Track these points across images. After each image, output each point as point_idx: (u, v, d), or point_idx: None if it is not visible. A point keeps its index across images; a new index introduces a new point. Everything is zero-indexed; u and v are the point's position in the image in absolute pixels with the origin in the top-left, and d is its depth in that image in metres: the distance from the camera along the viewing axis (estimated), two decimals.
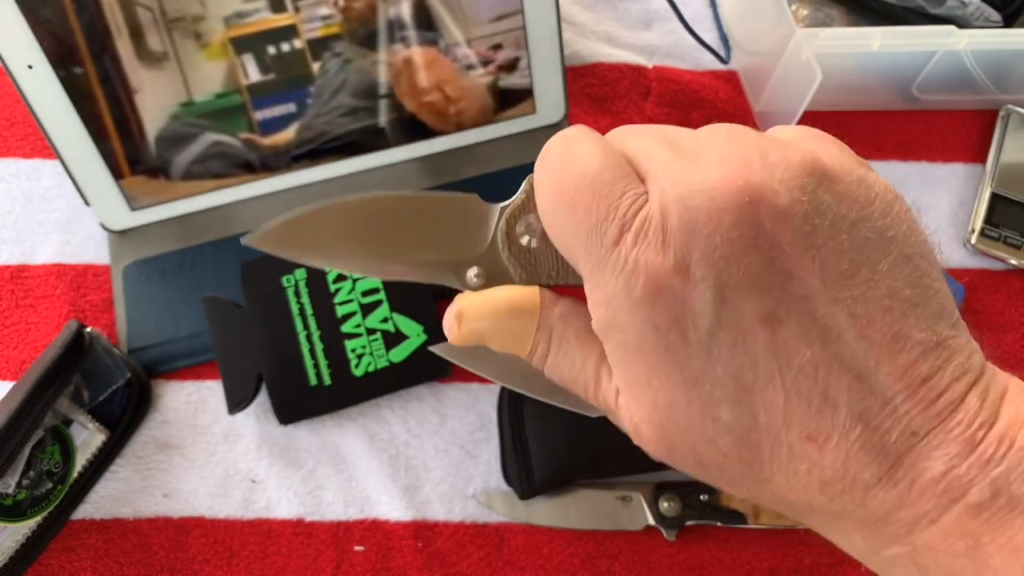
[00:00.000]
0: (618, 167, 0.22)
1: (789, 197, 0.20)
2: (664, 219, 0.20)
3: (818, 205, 0.20)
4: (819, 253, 0.20)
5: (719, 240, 0.20)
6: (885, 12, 0.55)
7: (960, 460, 0.19)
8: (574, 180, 0.22)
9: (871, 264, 0.20)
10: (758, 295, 0.20)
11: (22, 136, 0.56)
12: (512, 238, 0.25)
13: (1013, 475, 0.19)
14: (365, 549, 0.45)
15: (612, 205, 0.21)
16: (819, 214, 0.20)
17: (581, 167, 0.22)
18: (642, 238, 0.20)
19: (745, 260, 0.20)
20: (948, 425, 0.20)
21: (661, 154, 0.22)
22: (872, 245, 0.20)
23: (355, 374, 0.47)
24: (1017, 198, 0.54)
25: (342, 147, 0.53)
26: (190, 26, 0.46)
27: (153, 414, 0.48)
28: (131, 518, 0.45)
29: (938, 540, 0.19)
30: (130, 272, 0.51)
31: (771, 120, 0.56)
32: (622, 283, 0.21)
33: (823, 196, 0.20)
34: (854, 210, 0.20)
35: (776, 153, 0.21)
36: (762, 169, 0.20)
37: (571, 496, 0.46)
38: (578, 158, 0.22)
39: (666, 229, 0.20)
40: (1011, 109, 0.57)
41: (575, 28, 0.61)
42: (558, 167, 0.23)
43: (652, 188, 0.21)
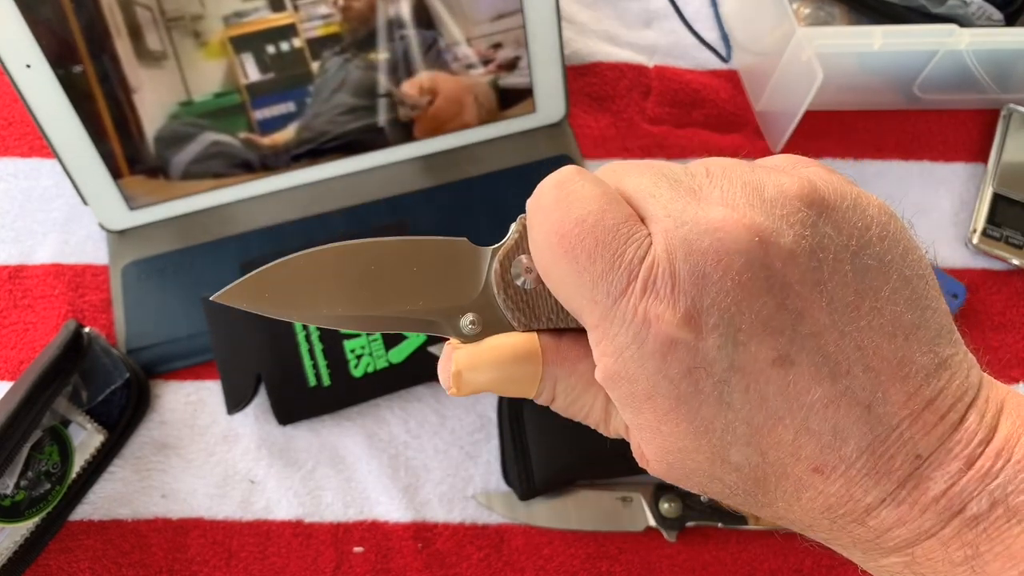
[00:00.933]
0: (618, 209, 0.21)
1: (793, 234, 0.20)
2: (672, 264, 0.20)
3: (821, 239, 0.20)
4: (826, 288, 0.20)
5: (731, 284, 0.19)
6: (886, 11, 0.55)
7: (960, 477, 0.19)
8: (573, 226, 0.21)
9: (874, 292, 0.20)
10: (771, 337, 0.19)
11: (20, 136, 0.56)
12: (507, 281, 0.24)
13: (1010, 487, 0.19)
14: (365, 550, 0.45)
15: (616, 253, 0.20)
16: (822, 248, 0.20)
17: (580, 212, 0.21)
18: (651, 287, 0.20)
19: (758, 303, 0.19)
20: (949, 445, 0.20)
21: (660, 192, 0.21)
22: (873, 272, 0.20)
23: (354, 375, 0.47)
24: (1019, 198, 0.54)
25: (341, 146, 0.53)
26: (189, 25, 0.46)
27: (152, 414, 0.47)
28: (130, 519, 0.45)
29: (937, 550, 0.20)
30: (129, 272, 0.51)
31: (772, 119, 0.56)
32: (631, 335, 0.20)
33: (824, 228, 0.20)
34: (854, 238, 0.20)
35: (772, 187, 0.20)
36: (763, 207, 0.20)
37: (571, 497, 0.46)
38: (576, 201, 0.21)
39: (675, 275, 0.20)
40: (1013, 108, 0.57)
41: (575, 27, 0.61)
42: (555, 212, 0.22)
43: (655, 229, 0.20)
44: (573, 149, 0.56)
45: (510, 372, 0.24)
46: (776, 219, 0.20)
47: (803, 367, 0.20)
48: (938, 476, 0.19)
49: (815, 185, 0.21)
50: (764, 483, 0.21)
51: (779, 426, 0.20)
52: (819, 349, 0.20)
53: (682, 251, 0.20)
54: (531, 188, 0.55)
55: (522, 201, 0.62)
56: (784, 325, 0.19)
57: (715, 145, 0.56)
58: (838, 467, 0.20)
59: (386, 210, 0.53)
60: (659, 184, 0.21)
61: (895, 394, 0.20)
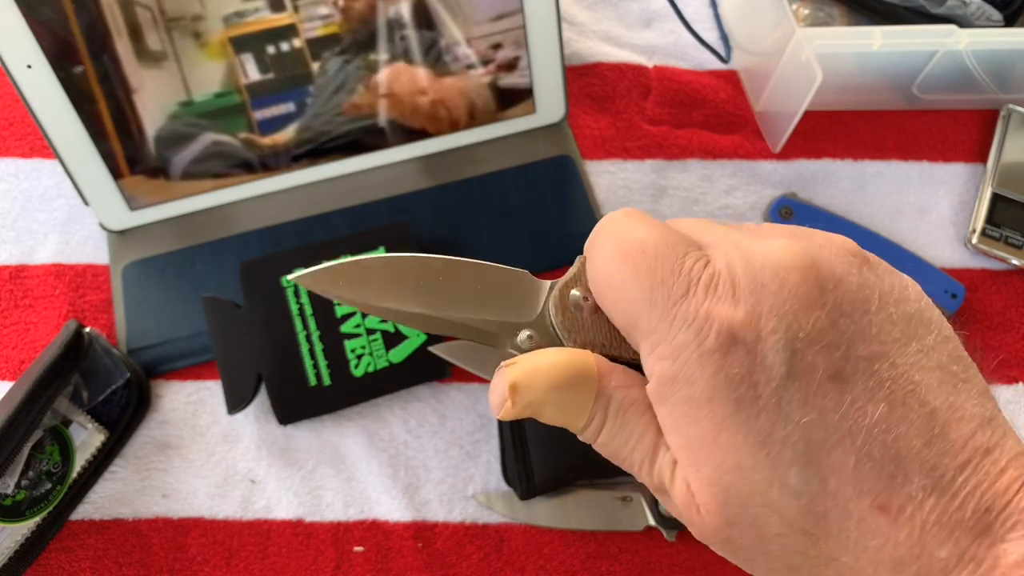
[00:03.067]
0: (677, 236, 0.22)
1: (844, 266, 0.21)
2: (732, 275, 0.21)
3: (865, 279, 0.21)
4: (875, 319, 0.20)
5: (787, 294, 0.20)
6: (886, 11, 0.55)
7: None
8: (635, 245, 0.22)
9: (919, 337, 0.21)
10: (827, 351, 0.20)
11: (21, 136, 0.56)
12: (564, 306, 0.25)
13: None
14: (365, 550, 0.45)
15: (677, 263, 0.21)
16: (868, 286, 0.21)
17: (640, 233, 0.22)
18: (712, 291, 0.21)
19: (813, 315, 0.20)
20: (1020, 504, 0.19)
21: (715, 230, 0.23)
22: (916, 321, 0.21)
23: (355, 374, 0.47)
24: (1018, 198, 0.54)
25: (342, 147, 0.53)
26: (189, 25, 0.46)
27: (152, 414, 0.48)
28: (130, 518, 0.45)
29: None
30: (129, 272, 0.51)
31: (772, 119, 0.56)
32: (692, 333, 0.20)
33: (867, 274, 0.21)
34: (895, 289, 0.21)
35: (820, 236, 0.22)
36: (814, 244, 0.21)
37: (571, 496, 0.46)
38: (636, 226, 0.23)
39: (735, 283, 0.21)
40: (1012, 109, 0.57)
41: (575, 27, 0.61)
42: (617, 234, 0.23)
43: (715, 252, 0.22)
44: (573, 149, 0.56)
45: (565, 390, 0.23)
46: (827, 254, 0.21)
47: (859, 387, 0.20)
48: (1014, 538, 0.18)
49: (855, 245, 0.22)
50: (826, 521, 0.20)
51: (838, 448, 0.20)
52: (873, 373, 0.20)
53: (742, 265, 0.21)
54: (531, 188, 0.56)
55: (522, 201, 0.62)
56: (838, 342, 0.20)
57: (715, 145, 0.57)
58: (905, 507, 0.19)
59: (386, 210, 0.53)
60: (712, 226, 0.23)
61: (954, 433, 0.19)
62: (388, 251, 0.49)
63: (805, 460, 0.20)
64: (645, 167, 0.56)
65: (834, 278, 0.20)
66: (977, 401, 0.20)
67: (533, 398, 0.23)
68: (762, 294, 0.20)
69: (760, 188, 0.55)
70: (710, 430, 0.21)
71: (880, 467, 0.19)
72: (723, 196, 0.55)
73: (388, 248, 0.49)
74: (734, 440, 0.20)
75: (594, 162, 0.56)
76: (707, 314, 0.20)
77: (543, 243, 0.52)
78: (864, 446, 0.19)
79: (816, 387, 0.20)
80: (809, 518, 0.20)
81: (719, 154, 0.56)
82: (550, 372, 0.23)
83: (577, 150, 0.56)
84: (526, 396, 0.23)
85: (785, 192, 0.55)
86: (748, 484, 0.20)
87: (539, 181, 0.54)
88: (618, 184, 0.55)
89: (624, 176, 0.56)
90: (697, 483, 0.21)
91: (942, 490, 0.19)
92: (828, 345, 0.20)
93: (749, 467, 0.20)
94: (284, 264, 0.48)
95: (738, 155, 0.56)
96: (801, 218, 0.52)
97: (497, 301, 0.25)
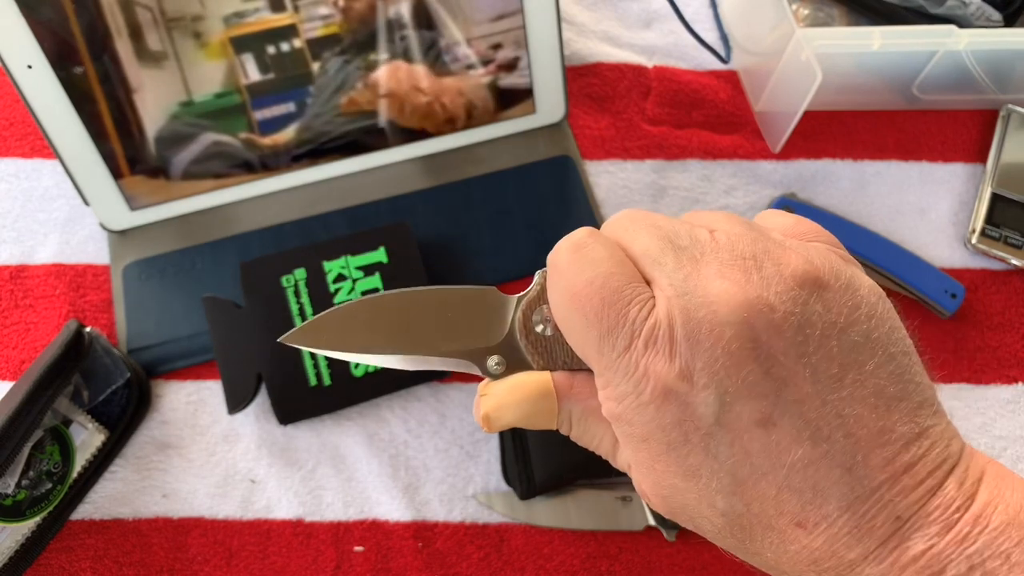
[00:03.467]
0: (624, 272, 0.24)
1: (784, 310, 0.22)
2: (671, 328, 0.22)
3: (809, 316, 0.22)
4: (810, 360, 0.22)
5: (720, 352, 0.22)
6: (885, 12, 0.55)
7: (939, 539, 0.21)
8: (584, 286, 0.24)
9: (858, 365, 0.22)
10: (755, 400, 0.22)
11: (22, 136, 0.56)
12: (528, 328, 0.27)
13: (987, 552, 0.21)
14: (365, 549, 0.45)
15: (621, 313, 0.23)
16: (810, 324, 0.22)
17: (590, 273, 0.24)
18: (651, 346, 0.22)
19: (744, 370, 0.22)
20: (928, 509, 0.21)
21: (664, 259, 0.23)
22: (859, 348, 0.22)
23: (355, 374, 0.47)
24: (1017, 198, 0.54)
25: (342, 147, 0.53)
26: (190, 26, 0.46)
27: (153, 414, 0.48)
28: (130, 518, 0.45)
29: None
30: (130, 272, 0.51)
31: (771, 120, 0.56)
32: (632, 386, 0.23)
33: (814, 306, 0.22)
34: (843, 316, 0.22)
35: (771, 264, 0.23)
36: (759, 283, 0.22)
37: (571, 496, 0.46)
38: (587, 264, 0.24)
39: (672, 339, 0.22)
40: (1011, 109, 0.57)
41: (575, 28, 0.61)
42: (568, 272, 0.24)
43: (659, 295, 0.23)
44: (573, 150, 0.56)
45: (530, 409, 0.27)
46: (769, 295, 0.22)
47: (785, 429, 0.22)
48: (918, 538, 0.21)
49: (813, 264, 0.23)
50: (751, 531, 0.23)
51: (762, 481, 0.22)
52: (801, 414, 0.22)
53: (681, 318, 0.22)
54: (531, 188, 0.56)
55: (522, 201, 0.62)
56: (768, 391, 0.22)
57: (715, 145, 0.57)
58: (820, 524, 0.22)
59: (386, 210, 0.53)
60: (664, 251, 0.24)
61: (875, 459, 0.21)
62: (388, 252, 0.49)
63: (730, 491, 0.22)
64: (645, 167, 0.56)
65: (771, 327, 0.22)
66: (909, 418, 0.22)
67: (504, 423, 0.27)
68: (697, 350, 0.22)
69: (760, 188, 0.55)
70: (647, 459, 0.23)
71: (799, 494, 0.22)
72: (723, 196, 0.55)
73: (388, 248, 0.49)
74: (666, 471, 0.23)
75: (594, 162, 0.56)
76: (645, 370, 0.22)
77: (543, 243, 0.52)
78: (786, 479, 0.22)
79: (743, 432, 0.22)
80: (735, 529, 0.23)
81: (719, 154, 0.56)
82: (516, 400, 0.27)
83: (577, 150, 0.56)
84: (498, 423, 0.27)
85: (785, 192, 0.55)
86: (682, 499, 0.23)
87: (539, 181, 0.54)
88: (618, 184, 0.55)
89: (624, 176, 0.56)
90: (643, 485, 0.25)
91: (855, 509, 0.21)
92: (758, 395, 0.22)
93: (681, 490, 0.23)
94: (284, 264, 0.48)
95: (738, 155, 0.56)
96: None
97: (466, 327, 0.27)
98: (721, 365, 0.22)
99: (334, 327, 0.28)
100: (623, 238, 0.25)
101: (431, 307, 0.28)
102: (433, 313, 0.28)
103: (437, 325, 0.27)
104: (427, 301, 0.28)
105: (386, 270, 0.48)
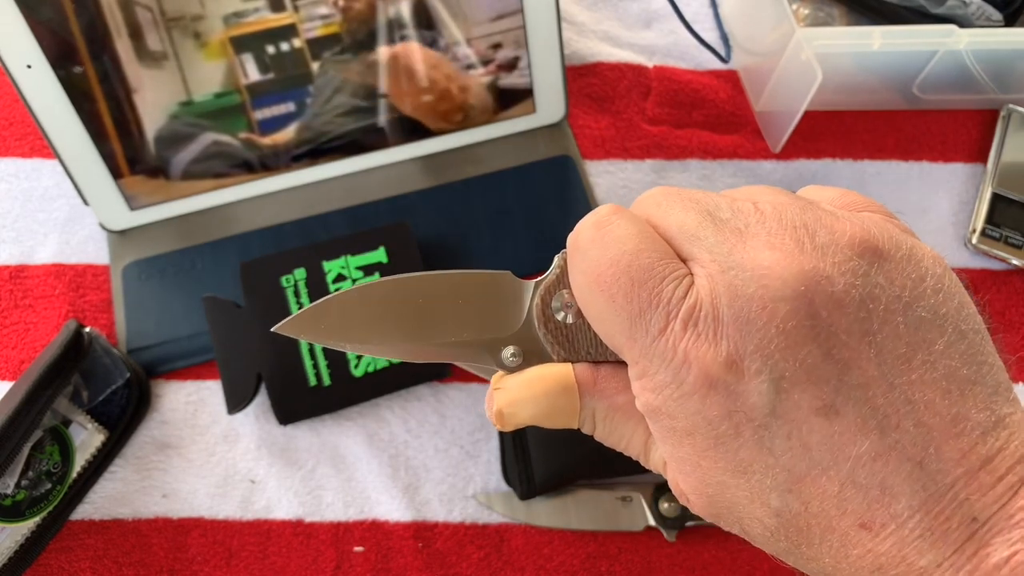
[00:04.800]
0: (654, 248, 0.21)
1: (844, 283, 0.19)
2: (715, 307, 0.20)
3: (871, 289, 0.19)
4: (875, 339, 0.19)
5: (775, 331, 0.19)
6: (886, 11, 0.55)
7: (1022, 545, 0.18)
8: (609, 267, 0.21)
9: (927, 344, 0.20)
10: (815, 386, 0.19)
11: (21, 136, 0.56)
12: (547, 315, 0.24)
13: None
14: (365, 549, 0.45)
15: (654, 292, 0.20)
16: (873, 298, 0.19)
17: (615, 252, 0.21)
18: (692, 328, 0.20)
19: (803, 352, 0.19)
20: (1010, 510, 0.19)
21: (704, 232, 0.21)
22: (927, 325, 0.20)
23: (355, 374, 0.47)
24: (1018, 198, 0.54)
25: (341, 147, 0.53)
26: (189, 26, 0.46)
27: (152, 414, 0.48)
28: (130, 518, 0.45)
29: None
30: (129, 272, 0.51)
31: (772, 119, 0.56)
32: (671, 375, 0.20)
33: (876, 278, 0.20)
34: (907, 290, 0.20)
35: (824, 233, 0.20)
36: (813, 253, 0.20)
37: (571, 496, 0.46)
38: (612, 242, 0.22)
39: (717, 319, 0.19)
40: (1012, 109, 0.57)
41: (575, 27, 0.61)
42: (591, 252, 0.22)
43: (698, 272, 0.20)
44: (573, 149, 0.56)
45: (548, 406, 0.24)
46: (826, 266, 0.19)
47: (849, 418, 0.19)
48: (999, 543, 0.18)
49: (870, 232, 0.20)
50: (807, 534, 0.20)
51: (823, 477, 0.19)
52: (867, 401, 0.19)
53: (726, 296, 0.19)
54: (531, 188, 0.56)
55: (522, 201, 0.62)
56: (830, 375, 0.19)
57: (715, 145, 0.57)
58: (888, 525, 0.19)
59: (386, 210, 0.53)
60: (703, 224, 0.21)
61: (949, 451, 0.19)
62: (388, 252, 0.49)
63: (786, 488, 0.20)
64: (645, 167, 0.56)
65: (832, 302, 0.19)
66: (985, 404, 0.19)
67: (520, 420, 0.24)
68: (748, 331, 0.19)
69: None
70: (692, 455, 0.21)
71: (865, 491, 0.19)
72: None
73: (388, 248, 0.49)
74: (714, 467, 0.21)
75: (594, 162, 0.56)
76: (685, 355, 0.20)
77: (543, 243, 0.52)
78: (850, 474, 0.19)
79: (801, 423, 0.19)
80: (790, 531, 0.20)
81: (719, 154, 0.56)
82: (534, 395, 0.24)
83: (577, 150, 0.56)
84: (512, 420, 0.24)
85: None
86: (731, 498, 0.21)
87: (539, 181, 0.54)
88: (618, 184, 0.55)
89: (624, 176, 0.56)
90: (684, 485, 0.22)
91: (927, 508, 0.19)
92: (818, 380, 0.19)
93: (731, 487, 0.21)
94: (284, 264, 0.48)
95: (738, 155, 0.56)
96: None
97: (481, 314, 0.25)
98: (776, 347, 0.19)
99: (333, 315, 0.25)
100: (654, 214, 0.22)
101: (440, 293, 0.25)
102: (442, 300, 0.25)
103: (446, 313, 0.25)
104: (435, 286, 0.25)
105: (386, 270, 0.48)
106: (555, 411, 0.24)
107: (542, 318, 0.24)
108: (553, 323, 0.24)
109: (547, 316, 0.24)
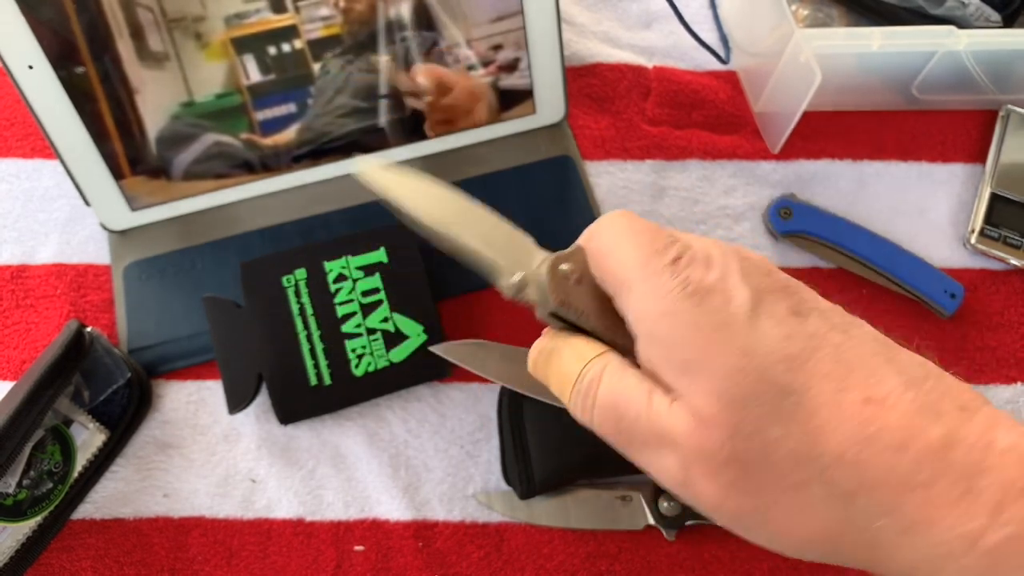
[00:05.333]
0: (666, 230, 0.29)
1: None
2: (707, 254, 0.27)
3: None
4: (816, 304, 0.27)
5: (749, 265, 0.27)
6: (885, 12, 0.55)
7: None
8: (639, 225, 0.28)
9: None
10: (785, 296, 0.26)
11: (22, 136, 0.56)
12: (554, 272, 0.30)
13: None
14: (365, 549, 0.45)
15: (670, 239, 0.28)
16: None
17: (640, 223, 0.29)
18: (692, 260, 0.27)
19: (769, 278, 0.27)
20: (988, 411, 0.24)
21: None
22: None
23: (355, 374, 0.47)
24: (1017, 198, 0.54)
25: (342, 147, 0.53)
26: (191, 26, 0.46)
27: (153, 414, 0.48)
28: (131, 518, 0.45)
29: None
30: (130, 272, 0.51)
31: (771, 120, 0.56)
32: (679, 285, 0.26)
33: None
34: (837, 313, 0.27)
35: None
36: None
37: (571, 496, 0.46)
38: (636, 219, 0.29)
39: (709, 258, 0.27)
40: (1011, 109, 0.57)
41: (575, 28, 0.61)
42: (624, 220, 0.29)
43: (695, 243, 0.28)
44: (573, 150, 0.56)
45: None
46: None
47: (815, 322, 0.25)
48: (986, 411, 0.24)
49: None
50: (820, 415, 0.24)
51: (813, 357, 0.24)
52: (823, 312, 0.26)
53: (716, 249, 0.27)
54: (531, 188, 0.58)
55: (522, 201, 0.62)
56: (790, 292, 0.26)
57: (714, 146, 0.57)
58: (887, 397, 0.23)
59: (387, 211, 0.53)
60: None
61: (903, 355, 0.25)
62: (388, 252, 0.49)
63: (785, 367, 0.24)
64: (645, 167, 0.56)
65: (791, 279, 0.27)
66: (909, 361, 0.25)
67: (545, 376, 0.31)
68: (729, 265, 0.26)
69: (759, 188, 0.55)
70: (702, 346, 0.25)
71: (855, 370, 0.24)
72: (722, 196, 0.55)
73: (389, 248, 0.49)
74: (723, 350, 0.25)
75: (594, 162, 0.56)
76: (687, 276, 0.26)
77: (543, 243, 0.52)
78: (835, 355, 0.24)
79: (781, 317, 0.25)
80: (802, 412, 0.24)
81: (718, 154, 0.56)
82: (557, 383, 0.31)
83: (577, 151, 0.56)
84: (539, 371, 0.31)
85: (784, 193, 0.55)
86: (743, 387, 0.24)
87: (539, 181, 0.55)
88: (618, 184, 0.55)
89: (624, 176, 0.56)
90: (698, 396, 0.25)
91: (917, 387, 0.24)
92: (785, 292, 0.26)
93: (741, 369, 0.24)
94: (285, 264, 0.48)
95: (737, 155, 0.57)
96: (800, 218, 0.52)
97: (502, 247, 0.32)
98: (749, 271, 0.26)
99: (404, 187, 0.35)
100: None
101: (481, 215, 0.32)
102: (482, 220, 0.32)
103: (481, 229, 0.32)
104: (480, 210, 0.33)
105: (386, 270, 0.48)
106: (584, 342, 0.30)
107: (551, 271, 0.30)
108: (557, 280, 0.29)
109: (554, 272, 0.30)
